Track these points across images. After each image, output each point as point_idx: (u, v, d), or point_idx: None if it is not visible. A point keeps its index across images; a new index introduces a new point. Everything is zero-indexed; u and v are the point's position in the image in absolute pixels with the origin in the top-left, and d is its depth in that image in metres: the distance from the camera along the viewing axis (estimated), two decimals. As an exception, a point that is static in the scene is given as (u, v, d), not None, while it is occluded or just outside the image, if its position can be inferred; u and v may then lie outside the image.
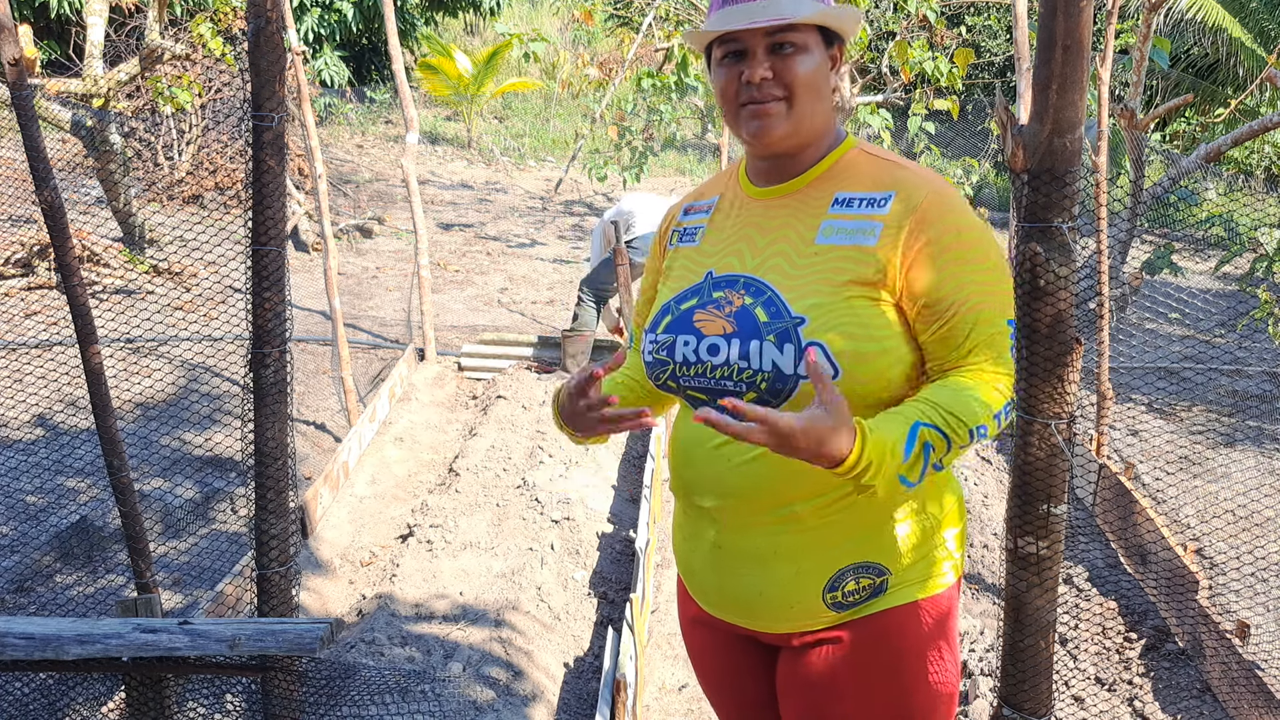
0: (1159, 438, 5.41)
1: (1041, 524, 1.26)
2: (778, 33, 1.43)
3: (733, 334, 1.46)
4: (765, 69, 1.44)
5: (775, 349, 1.42)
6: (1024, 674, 1.33)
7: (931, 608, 1.51)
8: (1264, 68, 5.96)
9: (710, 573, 1.58)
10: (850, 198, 1.48)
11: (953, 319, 1.41)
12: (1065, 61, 1.09)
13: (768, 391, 1.43)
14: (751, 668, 1.68)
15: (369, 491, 4.79)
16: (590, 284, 5.88)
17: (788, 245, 1.50)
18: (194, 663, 2.09)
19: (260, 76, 1.87)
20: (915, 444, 1.32)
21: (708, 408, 1.28)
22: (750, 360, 1.43)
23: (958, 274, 1.41)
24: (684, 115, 12.37)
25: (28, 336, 6.14)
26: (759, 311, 1.45)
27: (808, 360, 1.29)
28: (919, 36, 8.62)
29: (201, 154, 9.49)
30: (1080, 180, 1.15)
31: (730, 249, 1.56)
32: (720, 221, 1.61)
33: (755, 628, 1.58)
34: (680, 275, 1.61)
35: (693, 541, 1.61)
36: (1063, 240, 1.15)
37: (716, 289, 1.52)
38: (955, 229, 1.42)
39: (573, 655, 3.49)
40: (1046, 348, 1.19)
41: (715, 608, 1.62)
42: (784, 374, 1.41)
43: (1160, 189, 6.84)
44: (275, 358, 2.00)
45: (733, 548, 1.54)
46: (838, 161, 1.52)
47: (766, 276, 1.48)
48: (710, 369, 1.48)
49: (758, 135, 1.47)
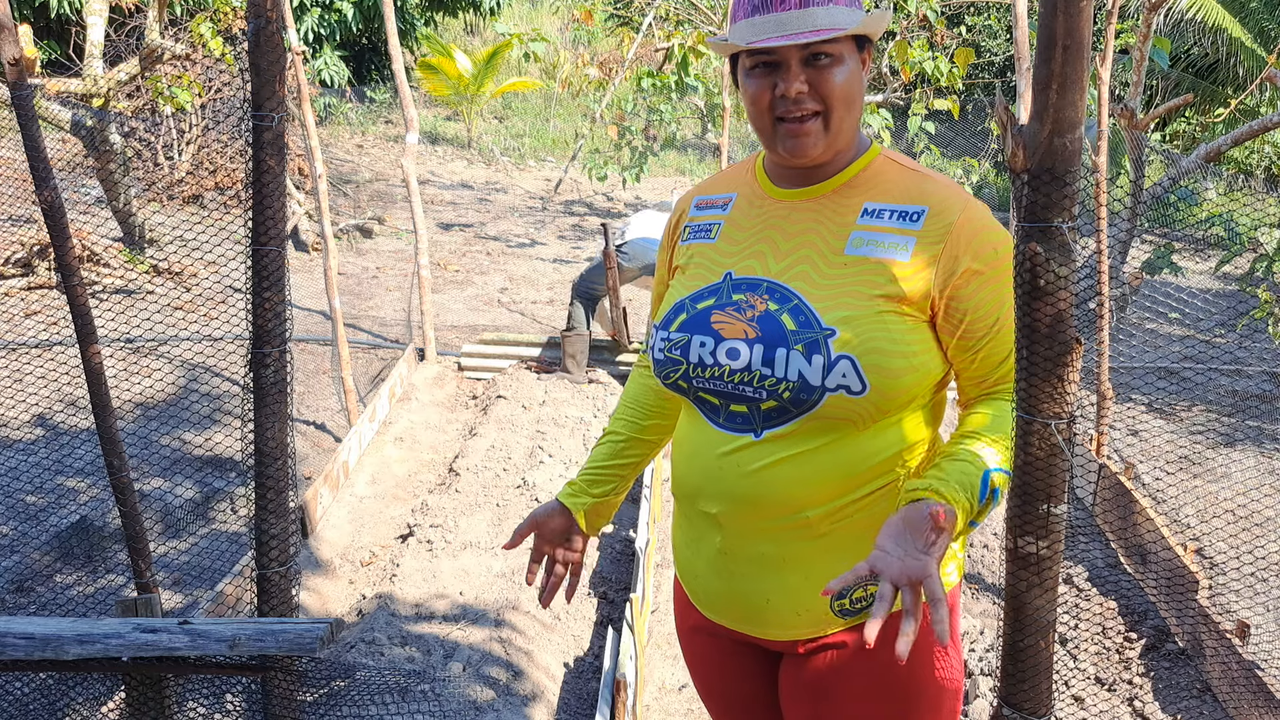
0: (1159, 438, 5.41)
1: (1041, 524, 1.25)
2: (813, 44, 1.40)
3: (755, 339, 1.43)
4: (801, 83, 1.40)
5: (803, 359, 1.39)
6: (1024, 674, 1.33)
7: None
8: (1264, 68, 5.96)
9: (715, 578, 1.56)
10: (880, 209, 1.45)
11: (996, 336, 1.42)
12: (1065, 61, 1.09)
13: (790, 401, 1.41)
14: (753, 674, 1.66)
15: (369, 491, 4.79)
16: (580, 284, 5.99)
17: (814, 252, 1.47)
18: (194, 663, 2.09)
19: (260, 76, 1.87)
20: (987, 493, 1.35)
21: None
22: (775, 368, 1.41)
23: (999, 293, 1.40)
24: (684, 115, 12.37)
25: (28, 336, 6.14)
26: (786, 319, 1.42)
27: (935, 518, 1.25)
28: (919, 36, 8.62)
29: (201, 154, 9.49)
30: (1080, 180, 1.15)
31: (750, 250, 1.52)
32: (739, 220, 1.57)
33: (761, 635, 1.56)
34: (696, 273, 1.57)
35: (696, 546, 1.58)
36: (1063, 240, 1.15)
37: (736, 291, 1.49)
38: (993, 247, 1.41)
39: (573, 655, 3.49)
40: (1046, 348, 1.19)
41: (719, 614, 1.59)
42: (810, 385, 1.39)
43: (1160, 189, 6.84)
44: (275, 358, 2.00)
45: (740, 554, 1.51)
46: (865, 169, 1.49)
47: (792, 284, 1.45)
48: (728, 373, 1.45)
49: (795, 153, 1.44)
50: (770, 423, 1.44)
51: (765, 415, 1.44)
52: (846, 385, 1.38)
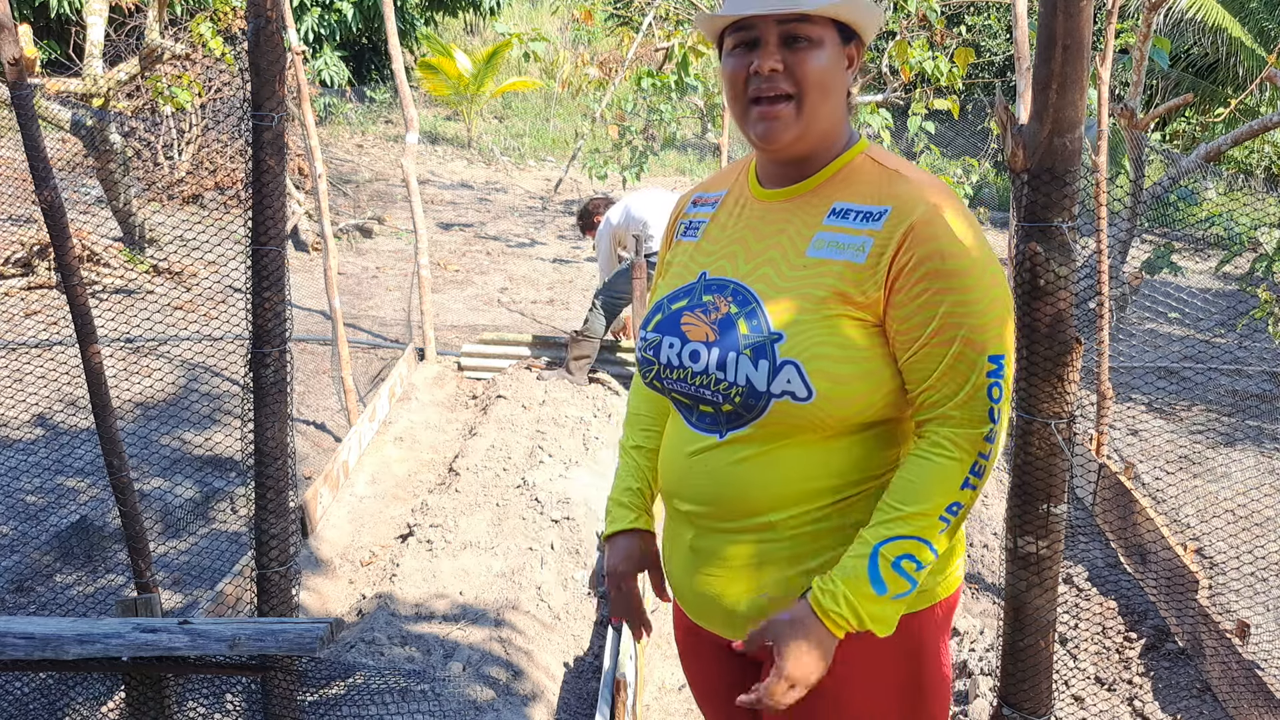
0: (1159, 437, 5.41)
1: (1041, 524, 1.26)
2: (791, 23, 1.37)
3: (713, 342, 1.42)
4: (776, 60, 1.37)
5: (750, 363, 1.38)
6: (1024, 673, 1.33)
7: (925, 617, 1.49)
8: (1264, 67, 5.96)
9: (685, 575, 1.57)
10: (847, 209, 1.41)
11: (921, 350, 1.35)
12: (1065, 61, 1.09)
13: (740, 406, 1.40)
14: (728, 674, 1.64)
15: (369, 491, 4.79)
16: (605, 294, 5.81)
17: (779, 254, 1.44)
18: (194, 662, 2.09)
19: (260, 76, 1.87)
20: (880, 571, 1.33)
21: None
22: (726, 372, 1.40)
23: (934, 301, 1.33)
24: (684, 115, 12.37)
25: (28, 336, 6.14)
26: (741, 323, 1.41)
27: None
28: (919, 36, 8.61)
29: (201, 154, 9.49)
30: (1080, 180, 1.15)
31: (725, 251, 1.51)
32: (723, 219, 1.55)
33: (725, 635, 1.55)
34: (677, 272, 1.57)
35: (673, 543, 1.60)
36: (1063, 240, 1.15)
37: (707, 292, 1.48)
38: (940, 252, 1.33)
39: (573, 655, 3.49)
40: (1046, 347, 1.19)
41: (694, 613, 1.60)
42: (756, 390, 1.38)
43: (1160, 188, 6.84)
44: (275, 358, 2.00)
45: (706, 552, 1.52)
46: (844, 168, 1.45)
47: (754, 286, 1.43)
48: (690, 375, 1.45)
49: (765, 138, 1.41)
50: (732, 424, 1.44)
51: (727, 418, 1.44)
52: (791, 391, 1.36)
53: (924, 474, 1.35)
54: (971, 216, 1.39)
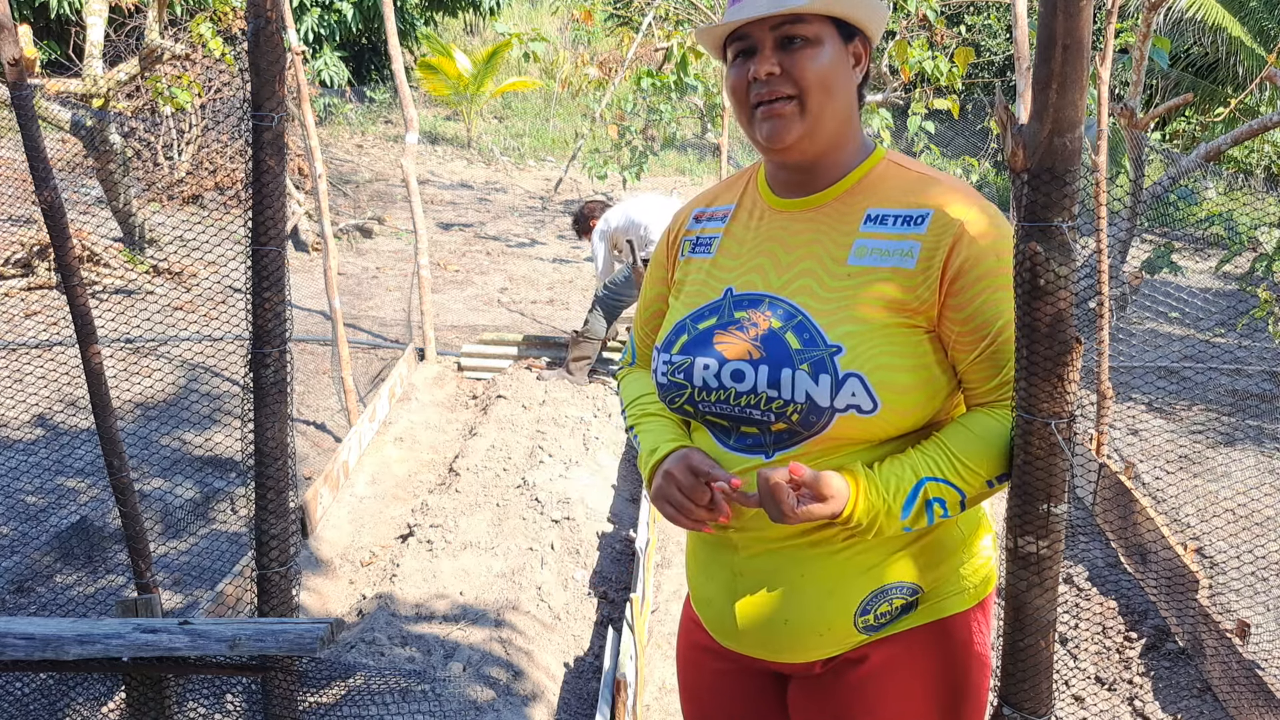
0: (1159, 437, 5.41)
1: (1041, 523, 1.26)
2: (785, 25, 1.34)
3: (760, 359, 1.36)
4: (772, 64, 1.34)
5: (809, 379, 1.32)
6: (1024, 673, 1.33)
7: (961, 621, 1.47)
8: (1264, 67, 5.96)
9: (729, 604, 1.48)
10: (884, 214, 1.37)
11: (990, 347, 1.34)
12: (1065, 60, 1.09)
13: (799, 424, 1.34)
14: (752, 697, 1.59)
15: (369, 491, 4.79)
16: (605, 294, 5.81)
17: (816, 264, 1.39)
18: (194, 663, 2.09)
19: (260, 76, 1.87)
20: (916, 501, 1.31)
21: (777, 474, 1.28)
22: (781, 390, 1.34)
23: (997, 300, 1.32)
24: (684, 115, 12.37)
25: (28, 336, 6.14)
26: (790, 337, 1.35)
27: (770, 481, 1.28)
28: (919, 36, 8.62)
29: (201, 154, 9.49)
30: (1080, 179, 1.15)
31: (751, 264, 1.45)
32: (738, 233, 1.49)
33: (775, 659, 1.49)
34: (695, 290, 1.50)
35: (709, 571, 1.52)
36: (1063, 239, 1.15)
37: (738, 308, 1.42)
38: (995, 251, 1.32)
39: (573, 655, 3.49)
40: (1046, 347, 1.19)
41: (732, 640, 1.51)
42: (819, 406, 1.32)
43: (1160, 188, 6.84)
44: (275, 358, 2.00)
45: (755, 574, 1.45)
46: (868, 174, 1.42)
47: (795, 298, 1.38)
48: (734, 396, 1.38)
49: (772, 139, 1.37)
50: (781, 444, 1.38)
51: (776, 437, 1.38)
52: (857, 404, 1.32)
53: (989, 434, 1.34)
54: (999, 213, 1.41)
